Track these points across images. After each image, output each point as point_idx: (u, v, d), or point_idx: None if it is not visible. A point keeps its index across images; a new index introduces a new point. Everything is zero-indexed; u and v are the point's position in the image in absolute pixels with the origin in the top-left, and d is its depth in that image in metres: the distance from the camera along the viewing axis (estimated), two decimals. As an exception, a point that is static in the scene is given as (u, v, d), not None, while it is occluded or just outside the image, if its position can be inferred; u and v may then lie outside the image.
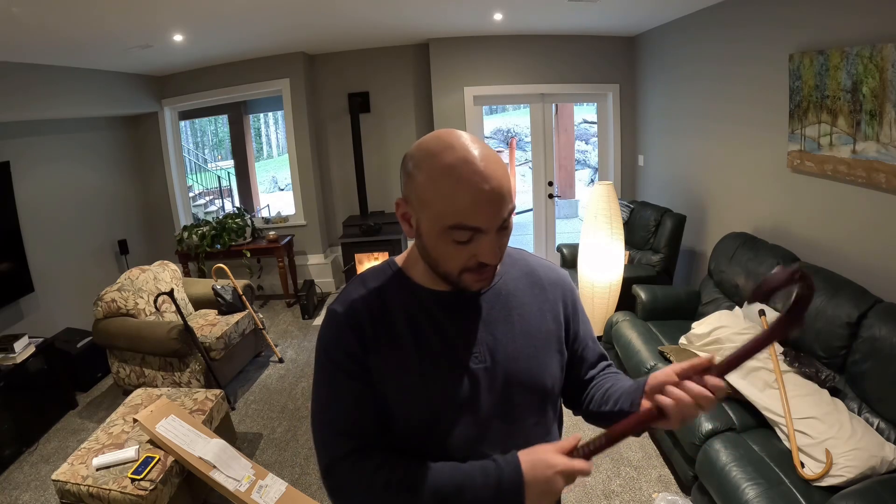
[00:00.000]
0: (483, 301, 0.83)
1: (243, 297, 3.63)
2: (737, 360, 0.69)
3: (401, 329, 0.80)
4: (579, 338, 0.92)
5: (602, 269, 3.26)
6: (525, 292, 0.87)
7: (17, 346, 2.85)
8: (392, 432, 0.82)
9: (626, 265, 3.40)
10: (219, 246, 4.51)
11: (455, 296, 0.81)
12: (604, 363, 0.95)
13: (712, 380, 0.70)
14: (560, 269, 0.94)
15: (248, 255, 4.58)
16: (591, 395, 0.92)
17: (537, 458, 0.73)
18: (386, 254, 4.53)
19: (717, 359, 0.72)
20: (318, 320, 4.40)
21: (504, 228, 0.74)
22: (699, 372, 0.71)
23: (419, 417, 0.79)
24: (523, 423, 0.83)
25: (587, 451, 0.73)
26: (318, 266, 5.07)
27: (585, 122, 9.68)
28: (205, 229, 4.53)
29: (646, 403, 0.76)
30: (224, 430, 2.53)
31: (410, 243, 0.85)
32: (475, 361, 0.80)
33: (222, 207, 8.24)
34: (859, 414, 1.91)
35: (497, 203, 0.71)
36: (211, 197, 8.79)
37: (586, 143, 9.91)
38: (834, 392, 2.01)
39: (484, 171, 0.70)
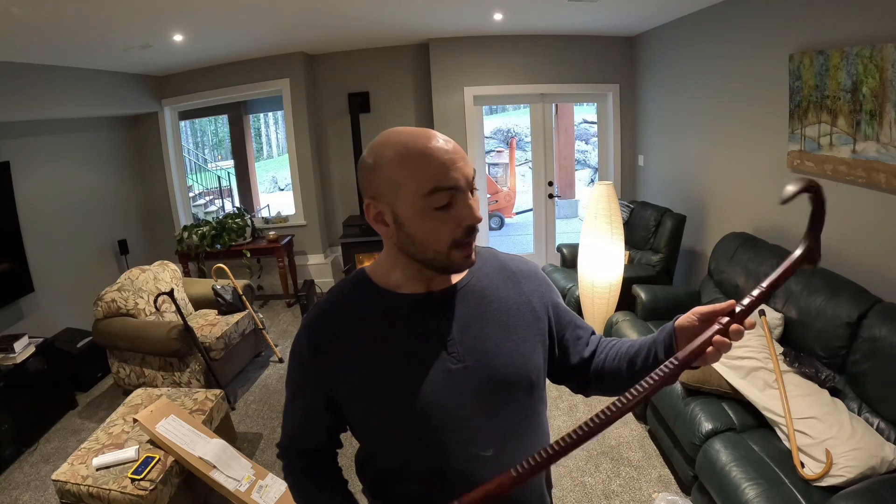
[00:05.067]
0: (457, 300, 0.83)
1: (243, 297, 3.63)
2: (759, 299, 0.73)
3: (371, 340, 0.81)
4: (565, 321, 0.93)
5: (602, 269, 3.26)
6: (499, 287, 0.87)
7: (17, 346, 2.85)
8: (380, 441, 0.84)
9: (626, 265, 3.39)
10: (219, 246, 4.51)
11: (427, 297, 0.82)
12: (596, 336, 0.96)
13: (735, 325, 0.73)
14: (531, 262, 0.95)
15: (248, 255, 4.58)
16: (601, 367, 0.91)
17: None
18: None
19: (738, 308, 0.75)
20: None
21: (474, 191, 0.78)
22: (721, 315, 0.75)
23: (403, 424, 0.79)
24: (512, 418, 0.83)
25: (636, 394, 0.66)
26: (318, 266, 5.07)
27: (585, 122, 9.67)
28: (205, 229, 4.53)
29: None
30: (224, 430, 2.53)
31: (379, 253, 0.89)
32: (453, 362, 0.80)
33: (222, 207, 8.23)
34: (859, 414, 1.91)
35: (462, 162, 0.75)
36: (211, 197, 8.78)
37: (586, 143, 9.90)
38: (834, 392, 2.01)
39: (440, 141, 0.76)
